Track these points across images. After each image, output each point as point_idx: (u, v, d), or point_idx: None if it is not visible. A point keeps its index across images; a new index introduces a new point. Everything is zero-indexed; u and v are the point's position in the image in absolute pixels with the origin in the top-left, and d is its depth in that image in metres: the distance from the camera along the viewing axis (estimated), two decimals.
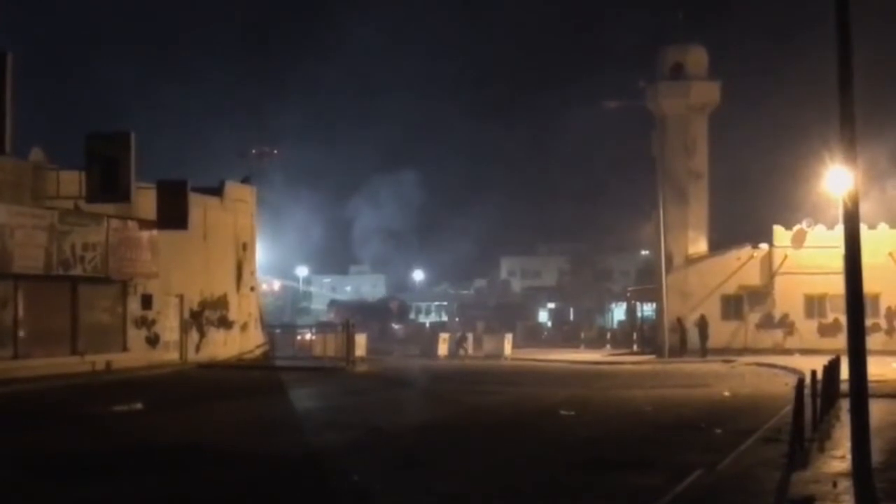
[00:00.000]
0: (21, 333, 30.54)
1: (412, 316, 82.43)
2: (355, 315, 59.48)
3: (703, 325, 47.87)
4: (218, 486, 13.60)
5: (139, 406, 23.18)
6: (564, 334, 72.37)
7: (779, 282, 50.00)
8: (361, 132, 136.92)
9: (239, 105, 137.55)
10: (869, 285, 13.97)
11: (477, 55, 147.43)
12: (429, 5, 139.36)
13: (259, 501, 12.61)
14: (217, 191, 41.49)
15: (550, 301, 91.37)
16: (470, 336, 54.76)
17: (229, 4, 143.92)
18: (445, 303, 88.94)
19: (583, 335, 68.45)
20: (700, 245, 51.78)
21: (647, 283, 58.27)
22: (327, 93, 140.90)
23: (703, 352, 46.74)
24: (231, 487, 13.55)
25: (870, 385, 13.30)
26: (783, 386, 27.11)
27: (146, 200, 34.31)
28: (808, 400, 16.54)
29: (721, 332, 49.18)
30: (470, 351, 52.33)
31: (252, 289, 44.06)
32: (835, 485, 12.56)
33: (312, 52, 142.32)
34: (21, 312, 30.59)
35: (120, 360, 34.24)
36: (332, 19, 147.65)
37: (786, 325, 49.86)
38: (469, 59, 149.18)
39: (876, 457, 13.53)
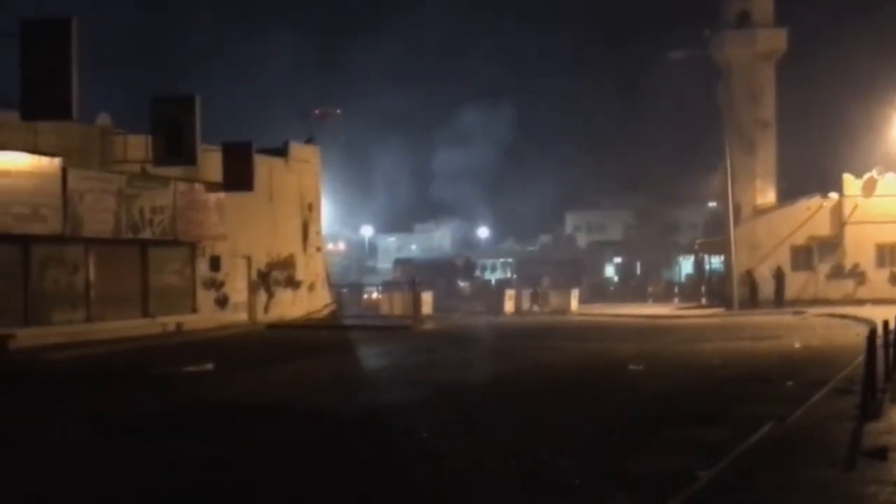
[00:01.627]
0: (93, 297, 31.01)
1: (478, 273, 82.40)
2: (421, 273, 59.64)
3: (779, 276, 47.55)
4: (288, 444, 13.74)
5: (210, 366, 23.47)
6: (631, 289, 72.00)
7: (849, 231, 49.27)
8: (440, 83, 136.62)
9: (309, 62, 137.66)
10: None
11: (537, 8, 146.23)
12: None
13: (329, 458, 12.72)
14: (282, 152, 41.70)
15: (617, 255, 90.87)
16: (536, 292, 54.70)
17: None
18: (511, 259, 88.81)
19: (650, 289, 68.11)
20: (769, 195, 51.15)
21: (715, 236, 57.76)
22: (408, 44, 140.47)
23: (780, 303, 46.35)
24: (301, 445, 13.69)
25: None
26: (855, 337, 26.77)
27: (212, 163, 34.60)
28: (880, 351, 16.30)
29: (791, 283, 48.72)
30: (536, 307, 52.29)
31: (318, 249, 44.32)
32: None
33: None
34: (92, 276, 31.05)
35: (190, 321, 34.67)
36: None
37: (857, 275, 49.19)
38: (531, 12, 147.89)
39: None
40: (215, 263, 36.49)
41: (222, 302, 37.11)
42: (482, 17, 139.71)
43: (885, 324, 17.61)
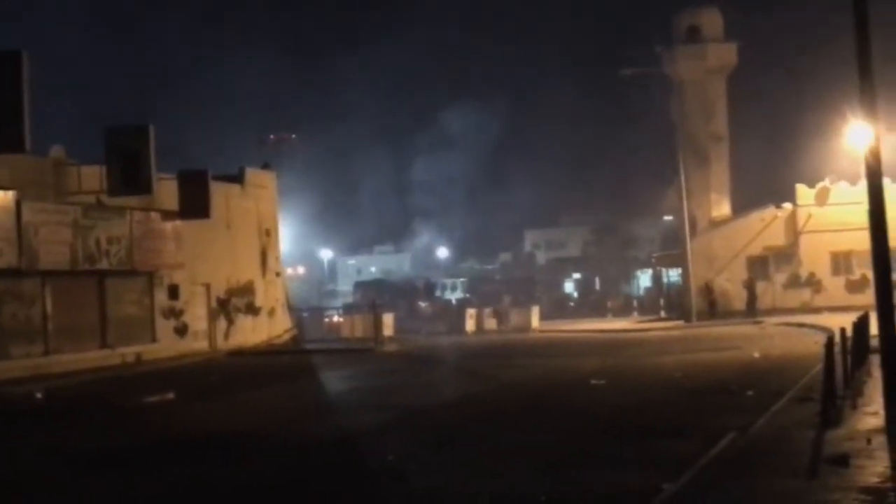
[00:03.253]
0: (51, 329, 30.74)
1: (438, 293, 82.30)
2: (381, 295, 59.50)
3: (751, 286, 47.91)
4: (254, 472, 13.68)
5: (171, 396, 23.32)
6: (591, 304, 72.26)
7: (804, 241, 49.74)
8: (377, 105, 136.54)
9: (266, 87, 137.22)
10: (894, 239, 13.90)
11: (490, 20, 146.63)
12: None
13: (295, 485, 12.68)
14: (238, 178, 41.58)
15: (576, 272, 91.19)
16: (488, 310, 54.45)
17: None
18: (464, 279, 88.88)
19: (609, 304, 68.36)
20: (723, 208, 51.58)
21: (672, 249, 58.10)
22: (368, 70, 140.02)
23: (753, 313, 46.61)
24: (267, 473, 13.62)
25: None
26: (813, 345, 26.97)
27: (168, 191, 34.45)
28: (838, 357, 16.48)
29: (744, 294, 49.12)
30: (499, 324, 52.05)
31: (277, 274, 44.19)
32: (869, 441, 12.53)
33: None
34: (49, 308, 30.78)
35: (150, 351, 34.44)
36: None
37: (813, 283, 49.64)
38: (485, 25, 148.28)
39: None
40: (174, 292, 36.29)
41: (182, 330, 36.89)
42: (443, 36, 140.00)
43: (843, 331, 17.81)
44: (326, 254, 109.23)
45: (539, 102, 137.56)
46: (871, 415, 14.44)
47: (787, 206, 50.39)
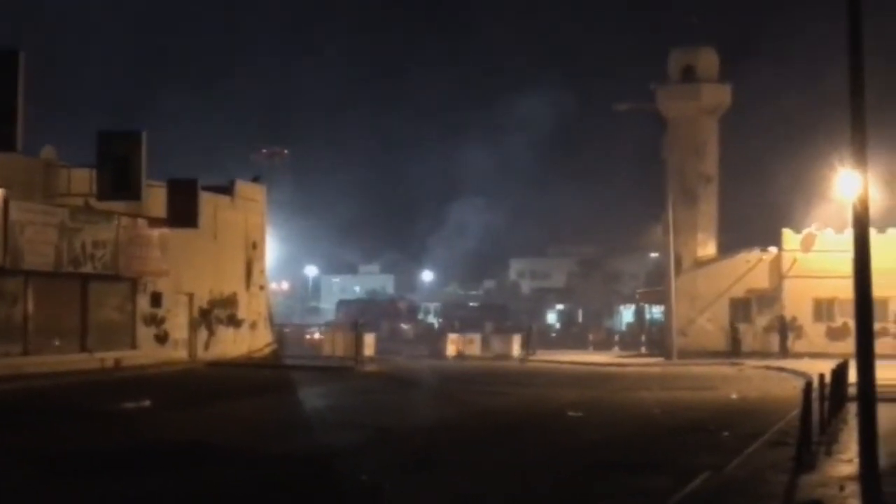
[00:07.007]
0: (31, 330, 30.59)
1: (420, 316, 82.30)
2: (364, 315, 59.48)
3: (783, 326, 47.99)
4: (225, 485, 13.64)
5: (147, 404, 23.24)
6: (572, 336, 72.30)
7: (787, 285, 49.92)
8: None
9: (261, 99, 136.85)
10: (878, 289, 13.96)
11: (484, 54, 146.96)
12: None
13: (266, 501, 12.65)
14: (227, 190, 41.53)
15: (559, 303, 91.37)
16: (478, 337, 54.45)
17: None
18: (438, 304, 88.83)
19: (591, 337, 68.38)
20: (709, 248, 51.77)
21: (656, 286, 58.26)
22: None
23: (785, 352, 46.59)
24: (238, 487, 13.59)
25: (878, 389, 13.30)
26: (791, 389, 27.07)
27: (157, 199, 34.39)
28: (815, 403, 16.54)
29: (729, 335, 49.19)
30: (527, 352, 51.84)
31: (261, 287, 44.11)
32: (842, 488, 12.57)
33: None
34: (31, 309, 30.64)
35: (129, 357, 34.30)
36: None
37: (794, 328, 49.79)
38: (479, 55, 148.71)
39: (883, 461, 13.53)
40: (156, 299, 36.17)
41: (162, 338, 36.75)
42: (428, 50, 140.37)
43: (822, 378, 17.87)
44: (311, 270, 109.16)
45: (531, 132, 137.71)
46: (846, 462, 14.50)
47: (773, 249, 50.60)
